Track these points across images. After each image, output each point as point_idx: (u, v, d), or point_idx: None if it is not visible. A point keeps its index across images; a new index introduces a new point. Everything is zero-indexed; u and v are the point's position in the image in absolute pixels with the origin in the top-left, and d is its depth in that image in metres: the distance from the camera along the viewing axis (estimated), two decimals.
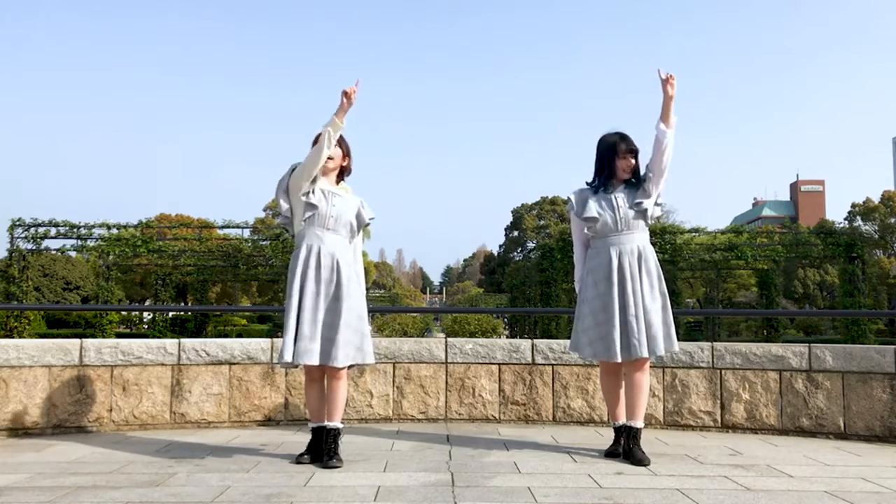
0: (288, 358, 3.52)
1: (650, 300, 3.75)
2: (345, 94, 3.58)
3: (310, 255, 3.63)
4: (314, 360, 3.50)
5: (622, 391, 3.89)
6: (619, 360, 3.71)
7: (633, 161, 3.88)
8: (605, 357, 3.76)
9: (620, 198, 3.84)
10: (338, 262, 3.62)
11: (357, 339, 3.60)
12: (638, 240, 3.84)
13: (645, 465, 3.58)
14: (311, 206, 3.64)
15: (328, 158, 3.70)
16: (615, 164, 3.85)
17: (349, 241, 3.74)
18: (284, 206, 3.73)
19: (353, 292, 3.63)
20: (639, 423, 3.77)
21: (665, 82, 3.80)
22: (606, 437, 4.17)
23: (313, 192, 3.66)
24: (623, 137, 3.88)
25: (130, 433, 4.56)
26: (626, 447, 3.77)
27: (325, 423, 3.63)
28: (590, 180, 3.97)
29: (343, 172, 3.85)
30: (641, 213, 3.84)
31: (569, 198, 3.97)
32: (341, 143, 3.77)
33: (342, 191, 3.77)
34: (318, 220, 3.65)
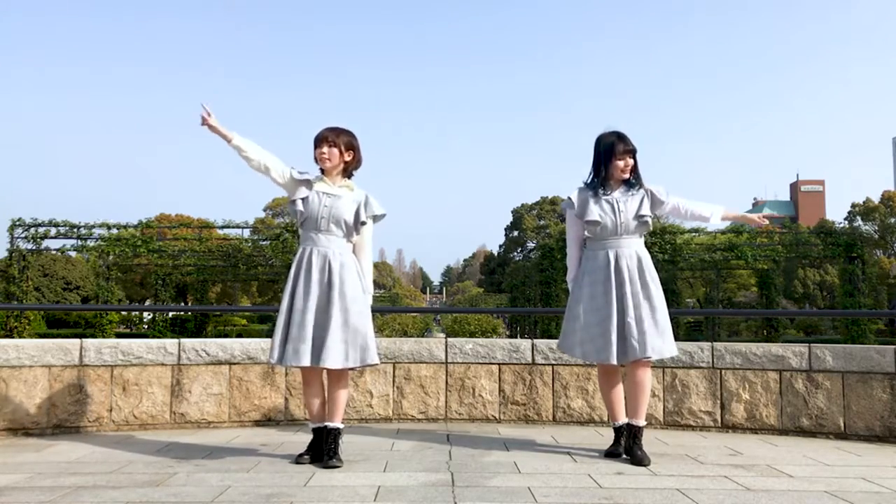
0: (273, 360, 3.57)
1: (649, 303, 3.75)
2: (204, 124, 3.62)
3: (302, 258, 3.66)
4: (303, 363, 3.50)
5: (621, 391, 3.90)
6: (615, 362, 3.71)
7: (632, 161, 3.86)
8: (598, 358, 3.78)
9: (621, 202, 3.83)
10: (329, 263, 3.62)
11: (358, 339, 3.59)
12: (636, 244, 3.85)
13: (645, 465, 3.58)
14: (300, 212, 3.67)
15: (325, 160, 3.70)
16: (612, 164, 3.84)
17: (346, 241, 3.72)
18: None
19: (347, 292, 3.60)
20: (640, 421, 3.78)
21: (757, 220, 4.09)
22: (606, 437, 4.17)
23: (306, 195, 3.67)
24: (621, 137, 3.85)
25: (130, 433, 4.56)
26: (627, 446, 3.77)
27: (326, 423, 3.63)
28: (588, 180, 3.97)
29: (349, 168, 3.81)
30: (644, 223, 3.86)
31: (568, 197, 3.97)
32: (337, 139, 3.71)
33: (343, 189, 3.74)
34: (310, 223, 3.67)
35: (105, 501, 2.88)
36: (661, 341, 3.72)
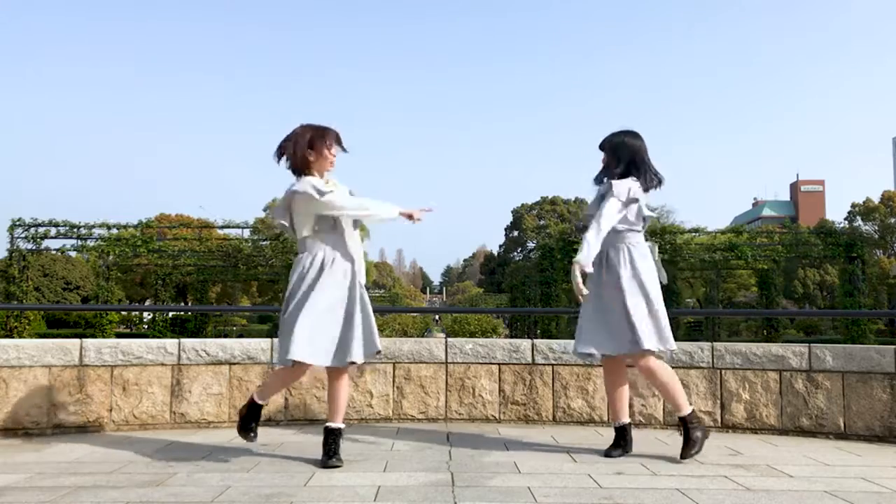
0: (312, 359, 3.50)
1: (613, 301, 3.71)
2: (410, 216, 3.68)
3: (323, 259, 3.61)
4: (326, 362, 3.54)
5: (625, 391, 3.90)
6: (581, 351, 3.81)
7: (604, 157, 3.89)
8: (574, 349, 3.88)
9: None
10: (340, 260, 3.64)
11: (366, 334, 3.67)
12: (622, 238, 3.79)
13: (691, 456, 3.66)
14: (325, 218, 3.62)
15: (334, 162, 3.69)
16: None
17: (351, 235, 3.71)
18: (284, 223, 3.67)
19: (358, 289, 3.68)
20: (681, 412, 3.75)
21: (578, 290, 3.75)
22: (606, 437, 4.17)
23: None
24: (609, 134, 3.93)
25: (130, 433, 4.56)
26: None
27: (327, 423, 3.63)
28: None
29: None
30: (621, 217, 3.78)
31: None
32: (331, 136, 3.67)
33: (331, 185, 3.70)
34: (327, 225, 3.62)
35: (105, 501, 2.88)
36: (631, 337, 3.65)
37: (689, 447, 3.71)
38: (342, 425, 3.64)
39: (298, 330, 3.45)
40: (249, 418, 3.73)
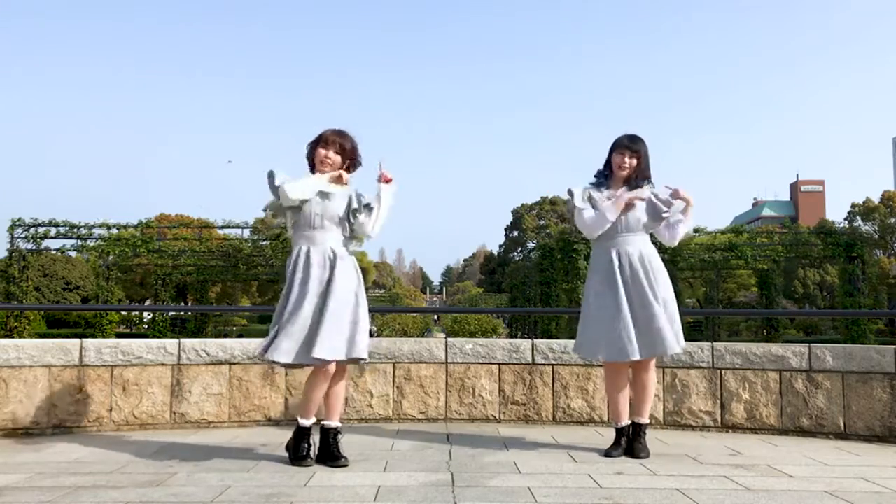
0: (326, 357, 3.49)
1: (658, 299, 3.75)
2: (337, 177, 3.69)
3: (299, 257, 3.63)
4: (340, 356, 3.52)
5: (627, 394, 3.91)
6: (638, 357, 3.70)
7: (629, 160, 3.87)
8: (605, 356, 3.80)
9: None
10: (327, 259, 3.61)
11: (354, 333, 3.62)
12: (640, 241, 3.86)
13: (641, 458, 3.69)
14: (296, 212, 3.67)
15: (328, 164, 3.71)
16: (612, 159, 3.91)
17: (341, 235, 3.70)
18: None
19: (348, 286, 3.63)
20: (644, 419, 3.86)
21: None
22: (606, 437, 4.17)
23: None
24: (629, 136, 3.92)
25: (130, 433, 4.56)
26: (628, 442, 3.83)
27: (323, 422, 3.62)
28: (595, 176, 4.02)
29: (348, 169, 3.80)
30: (649, 222, 3.86)
31: (569, 189, 3.95)
32: (346, 145, 3.73)
33: (334, 186, 3.71)
34: (305, 221, 3.65)
35: (105, 501, 2.88)
36: (675, 338, 3.74)
37: (636, 451, 3.78)
38: (339, 424, 3.64)
39: (282, 330, 3.51)
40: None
